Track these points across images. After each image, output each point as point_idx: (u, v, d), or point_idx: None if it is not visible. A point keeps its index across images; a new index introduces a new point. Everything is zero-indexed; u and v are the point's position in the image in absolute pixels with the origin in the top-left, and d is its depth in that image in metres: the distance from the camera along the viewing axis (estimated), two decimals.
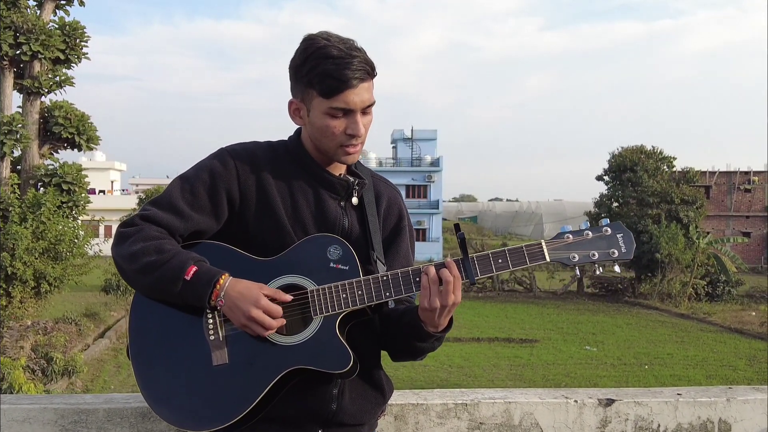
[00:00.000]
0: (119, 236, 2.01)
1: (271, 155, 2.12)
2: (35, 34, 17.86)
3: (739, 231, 51.90)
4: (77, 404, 2.43)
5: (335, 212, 2.11)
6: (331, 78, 1.96)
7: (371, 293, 1.98)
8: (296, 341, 1.97)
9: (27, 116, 18.23)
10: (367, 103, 2.03)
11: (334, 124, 2.01)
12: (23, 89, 18.31)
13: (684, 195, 37.93)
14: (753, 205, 54.83)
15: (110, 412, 2.41)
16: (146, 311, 2.06)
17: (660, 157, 39.98)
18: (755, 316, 30.21)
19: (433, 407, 2.49)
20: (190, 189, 2.04)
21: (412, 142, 57.77)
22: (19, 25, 17.83)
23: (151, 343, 2.05)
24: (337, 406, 2.05)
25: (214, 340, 1.98)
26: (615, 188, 39.82)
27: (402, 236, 2.24)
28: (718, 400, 2.60)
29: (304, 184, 2.10)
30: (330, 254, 2.02)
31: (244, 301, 1.91)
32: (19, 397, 2.54)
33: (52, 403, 2.45)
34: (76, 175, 18.37)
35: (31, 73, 18.24)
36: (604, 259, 2.01)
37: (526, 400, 2.51)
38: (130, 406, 2.42)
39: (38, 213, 17.24)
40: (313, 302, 1.98)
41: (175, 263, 1.93)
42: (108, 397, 2.53)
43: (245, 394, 1.94)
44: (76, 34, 18.76)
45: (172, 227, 2.00)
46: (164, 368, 2.02)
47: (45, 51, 18.02)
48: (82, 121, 18.55)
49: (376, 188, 2.23)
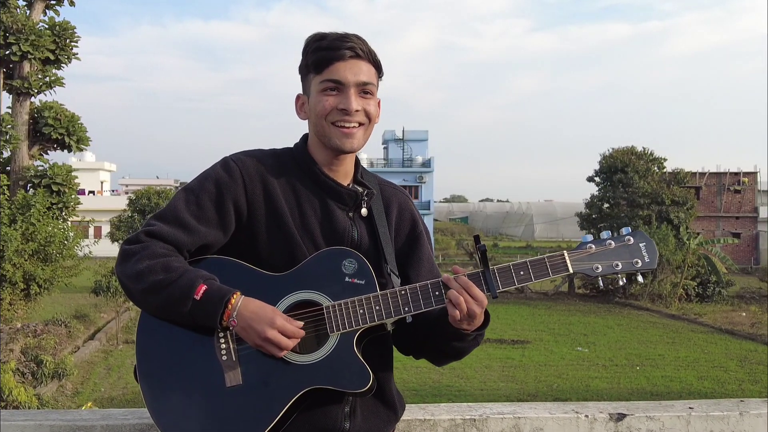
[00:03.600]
0: (124, 254, 1.94)
1: (277, 164, 2.07)
2: (25, 34, 17.79)
3: (729, 232, 52.16)
4: (74, 421, 2.36)
5: (344, 223, 2.05)
6: (322, 51, 1.98)
7: (389, 308, 1.92)
8: (313, 360, 1.91)
9: (16, 117, 18.14)
10: (363, 80, 2.00)
11: (326, 100, 1.98)
12: (12, 90, 18.23)
13: (674, 196, 38.12)
14: (743, 206, 55.16)
15: (108, 429, 2.34)
16: (154, 330, 1.98)
17: (650, 159, 40.15)
18: (746, 317, 30.31)
19: (440, 423, 2.43)
20: (196, 201, 1.97)
21: (403, 143, 57.80)
22: (9, 25, 17.75)
23: (160, 363, 1.97)
24: (350, 425, 1.99)
25: (226, 360, 1.91)
26: (606, 189, 39.95)
27: (420, 243, 2.19)
28: (731, 414, 2.55)
29: (311, 194, 2.04)
30: (345, 268, 1.96)
31: (259, 321, 1.85)
32: (14, 413, 2.46)
33: (48, 419, 2.38)
34: (65, 176, 18.31)
35: (20, 74, 18.16)
36: (628, 270, 1.98)
37: (536, 415, 2.46)
38: (129, 422, 2.36)
39: (28, 214, 17.17)
40: (329, 319, 1.91)
41: (184, 282, 1.86)
42: (105, 413, 2.46)
43: (261, 415, 1.88)
44: (66, 35, 18.68)
45: (179, 242, 1.94)
46: (175, 390, 1.94)
47: (35, 51, 17.96)
48: (72, 122, 18.48)
49: (384, 196, 2.18)
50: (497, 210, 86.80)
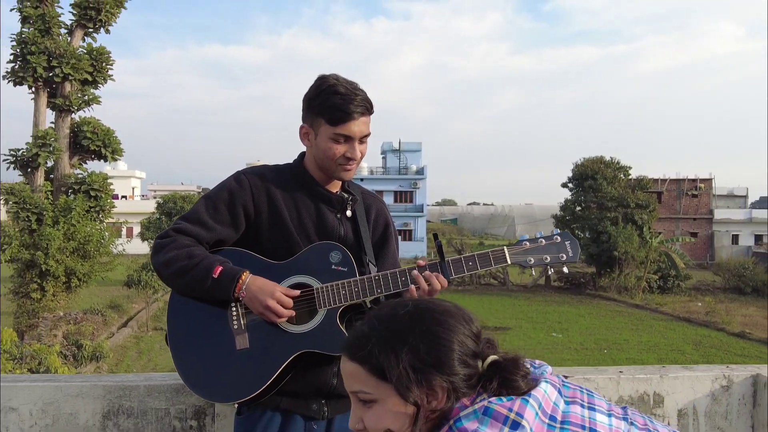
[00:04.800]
0: (157, 246, 2.18)
1: (279, 176, 2.29)
2: (66, 59, 17.85)
3: (687, 231, 52.21)
4: (122, 381, 2.59)
5: (333, 223, 2.28)
6: (338, 110, 2.15)
7: (366, 290, 2.15)
8: (304, 329, 2.14)
9: (59, 131, 18.22)
10: (365, 133, 2.22)
11: (336, 148, 2.18)
12: (55, 107, 18.31)
13: (638, 200, 38.22)
14: (699, 209, 55.24)
15: (149, 388, 2.56)
16: (181, 307, 2.22)
17: (617, 167, 40.24)
18: (701, 307, 30.48)
19: None
20: (213, 206, 2.21)
21: (399, 153, 57.74)
22: (52, 51, 17.82)
23: (185, 332, 2.21)
24: (337, 381, 2.20)
25: (237, 328, 2.15)
26: (578, 194, 40.05)
27: (389, 241, 2.41)
28: (653, 376, 2.77)
29: (306, 200, 2.27)
30: (331, 258, 2.19)
31: (262, 293, 2.09)
32: (72, 377, 2.69)
33: (101, 381, 2.60)
34: (102, 183, 18.38)
35: (62, 93, 18.24)
36: (555, 262, 2.19)
37: None
38: (167, 383, 2.57)
39: (69, 216, 17.27)
40: (318, 297, 2.14)
41: (205, 265, 2.10)
42: (147, 375, 2.68)
43: (263, 373, 2.10)
44: (102, 58, 18.75)
45: (200, 237, 2.17)
46: (197, 352, 2.19)
47: (75, 73, 17.99)
48: (108, 135, 18.53)
49: (365, 202, 2.40)
50: (483, 212, 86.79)
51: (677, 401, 2.77)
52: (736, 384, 2.80)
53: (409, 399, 1.24)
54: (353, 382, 1.31)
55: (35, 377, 2.67)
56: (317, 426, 2.22)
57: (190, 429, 2.56)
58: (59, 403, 2.55)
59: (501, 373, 1.29)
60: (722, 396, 2.79)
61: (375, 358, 1.26)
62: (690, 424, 2.77)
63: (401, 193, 56.38)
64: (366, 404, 1.31)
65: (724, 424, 2.79)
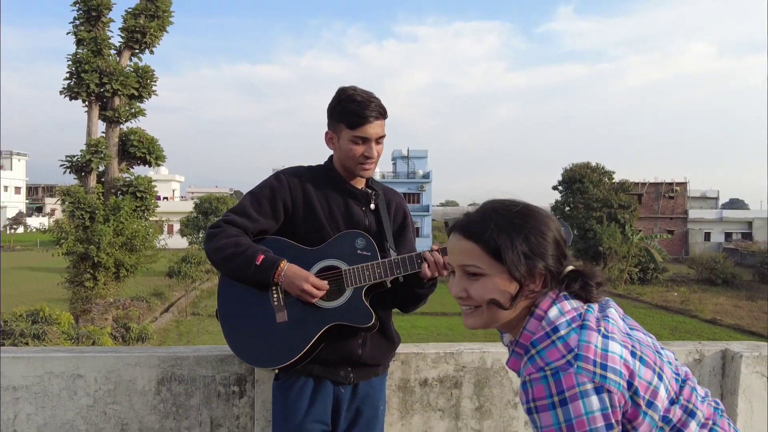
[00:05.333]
0: (209, 235, 2.24)
1: (312, 175, 2.36)
2: (115, 76, 18.04)
3: (665, 229, 52.00)
4: (174, 353, 2.65)
5: (359, 215, 2.34)
6: (355, 115, 2.22)
7: (386, 271, 2.20)
8: (334, 305, 2.20)
9: (109, 140, 18.40)
10: (380, 135, 2.28)
11: (356, 148, 2.25)
12: (106, 119, 18.50)
13: (621, 201, 38.13)
14: (675, 209, 55.02)
15: (198, 358, 2.62)
16: (229, 287, 2.29)
17: (602, 172, 40.15)
18: (677, 296, 30.36)
19: (429, 355, 2.68)
20: (257, 201, 2.28)
21: (408, 160, 57.89)
22: (103, 69, 18.01)
23: (233, 308, 2.28)
24: (362, 351, 2.27)
25: (277, 305, 2.21)
26: (567, 196, 39.99)
27: (407, 230, 2.48)
28: None
29: (336, 195, 2.33)
30: (357, 244, 2.24)
31: (298, 278, 2.15)
32: (132, 348, 2.75)
33: (156, 352, 2.66)
34: (146, 186, 18.55)
35: (112, 106, 18.42)
36: None
37: (495, 350, 2.71)
38: (213, 354, 2.63)
39: (118, 215, 17.45)
40: (346, 278, 2.20)
41: (249, 253, 2.16)
42: (196, 347, 2.74)
43: (299, 343, 2.17)
44: (147, 76, 18.93)
45: (246, 228, 2.24)
46: (243, 325, 2.25)
47: (123, 89, 18.20)
48: (152, 144, 18.71)
49: (386, 197, 2.46)
50: None
51: None
52: (708, 357, 2.83)
53: (517, 277, 1.35)
54: (464, 257, 1.40)
55: (99, 349, 2.74)
56: (344, 390, 2.28)
57: (233, 393, 2.62)
58: (120, 371, 2.61)
59: (583, 277, 1.41)
60: (695, 368, 2.81)
61: (494, 241, 1.36)
62: None
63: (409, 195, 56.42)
64: (472, 276, 1.39)
65: None
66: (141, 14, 18.84)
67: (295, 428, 2.23)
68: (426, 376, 2.68)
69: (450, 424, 2.69)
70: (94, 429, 2.60)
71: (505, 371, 2.71)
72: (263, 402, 2.59)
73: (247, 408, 2.63)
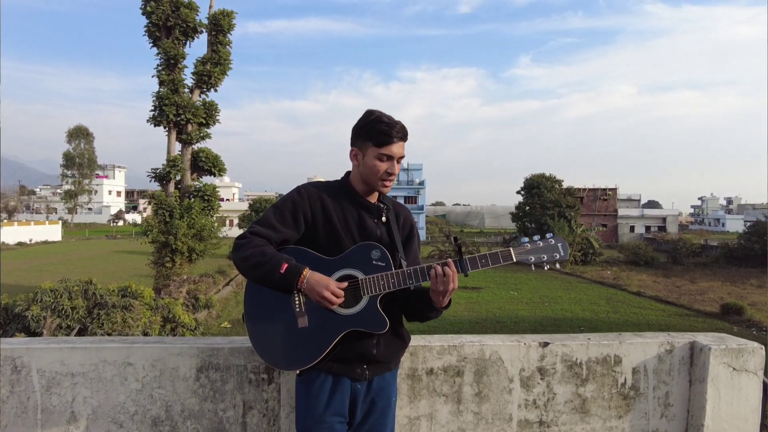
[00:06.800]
0: (237, 246, 1.82)
1: (330, 190, 1.93)
2: (189, 109, 17.74)
3: (600, 224, 51.32)
4: (211, 344, 2.25)
5: (372, 226, 1.91)
6: (384, 134, 1.82)
7: (400, 281, 1.78)
8: (352, 312, 1.78)
9: (183, 157, 18.10)
10: (401, 155, 1.87)
11: (380, 165, 1.84)
12: (181, 141, 18.20)
13: (568, 202, 37.60)
14: (608, 209, 54.40)
15: (232, 350, 2.22)
16: (255, 292, 1.86)
17: (554, 180, 39.60)
18: (610, 274, 29.78)
19: (434, 347, 2.28)
20: (280, 213, 1.85)
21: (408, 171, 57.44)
22: (179, 103, 17.71)
23: (258, 312, 1.86)
24: (376, 351, 1.86)
25: (299, 311, 1.79)
26: (527, 198, 39.44)
27: (413, 241, 2.03)
28: (614, 342, 2.38)
29: (351, 208, 1.91)
30: (372, 255, 1.82)
31: (319, 286, 1.74)
32: (175, 339, 2.35)
33: (196, 344, 2.26)
34: (212, 191, 18.26)
35: (186, 131, 18.12)
36: (550, 260, 1.81)
37: (493, 342, 2.31)
38: (245, 345, 2.23)
39: (190, 213, 17.19)
40: (362, 286, 1.79)
41: (274, 262, 1.74)
42: (231, 339, 2.34)
43: (320, 346, 1.76)
44: (213, 109, 18.58)
45: (270, 238, 1.82)
46: (267, 329, 1.83)
47: (194, 118, 17.89)
48: (216, 159, 18.40)
49: (396, 210, 2.02)
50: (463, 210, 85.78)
51: (632, 361, 2.37)
52: (677, 348, 2.40)
53: None
54: None
55: (147, 339, 2.34)
56: (360, 386, 1.86)
57: (263, 380, 2.21)
58: (165, 360, 2.22)
59: None
60: (666, 357, 2.39)
61: None
62: (642, 378, 2.38)
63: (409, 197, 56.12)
64: None
65: (668, 378, 2.39)
66: (208, 62, 18.54)
67: (315, 421, 1.81)
68: (432, 365, 2.26)
69: (453, 407, 2.26)
70: (142, 410, 2.20)
71: (501, 362, 2.29)
72: (288, 390, 2.18)
73: (275, 393, 2.21)
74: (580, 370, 2.32)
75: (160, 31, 18.26)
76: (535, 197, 38.35)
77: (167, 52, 17.90)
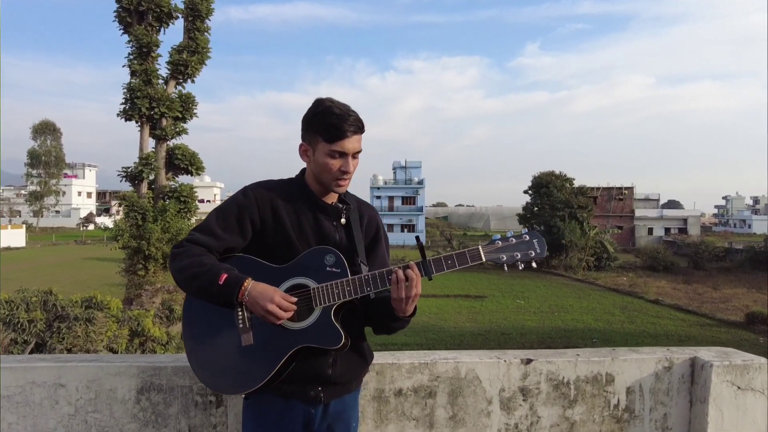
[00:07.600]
0: (172, 255, 1.76)
1: (282, 189, 1.86)
2: (163, 102, 17.60)
3: (615, 225, 51.37)
4: (153, 363, 2.19)
5: (329, 230, 1.85)
6: (334, 128, 1.73)
7: (356, 288, 1.72)
8: (303, 326, 1.72)
9: (158, 154, 17.94)
10: (357, 150, 1.78)
11: (332, 163, 1.77)
12: (155, 137, 18.03)
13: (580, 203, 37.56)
14: (624, 209, 54.46)
15: (176, 369, 2.16)
16: (194, 308, 1.80)
17: (564, 178, 39.58)
18: (625, 281, 29.78)
19: (404, 365, 2.22)
20: (224, 217, 1.79)
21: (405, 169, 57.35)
22: (153, 96, 17.61)
23: (198, 330, 1.79)
24: (332, 370, 1.79)
25: (242, 327, 1.73)
26: (536, 198, 39.42)
27: (379, 244, 1.96)
28: (605, 359, 2.33)
29: (306, 210, 1.84)
30: (326, 261, 1.76)
31: (263, 298, 1.67)
32: (113, 357, 2.29)
33: (137, 362, 2.20)
34: (188, 192, 18.08)
35: (160, 126, 17.95)
36: (524, 258, 1.75)
37: (470, 360, 2.25)
38: None
39: (165, 216, 17.02)
40: (314, 297, 1.72)
41: (212, 273, 1.68)
42: (175, 356, 2.28)
43: (266, 366, 1.70)
44: (189, 101, 18.41)
45: (210, 246, 1.75)
46: (207, 348, 1.76)
47: (169, 112, 17.71)
48: (193, 157, 18.20)
49: (360, 210, 1.95)
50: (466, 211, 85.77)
51: (626, 380, 2.32)
52: (677, 365, 2.35)
53: None
54: None
55: (81, 357, 2.27)
56: (315, 410, 1.80)
57: (210, 403, 2.16)
58: (101, 381, 2.16)
59: None
60: (664, 375, 2.34)
61: None
62: (637, 399, 2.32)
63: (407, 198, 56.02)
64: None
65: (666, 399, 2.34)
66: (184, 50, 18.40)
67: None
68: (401, 386, 2.20)
69: None
70: None
71: (478, 381, 2.23)
72: (236, 414, 2.12)
73: (224, 417, 2.15)
74: (567, 390, 2.27)
75: (132, 17, 18.15)
76: (543, 197, 38.32)
77: (139, 39, 17.77)
